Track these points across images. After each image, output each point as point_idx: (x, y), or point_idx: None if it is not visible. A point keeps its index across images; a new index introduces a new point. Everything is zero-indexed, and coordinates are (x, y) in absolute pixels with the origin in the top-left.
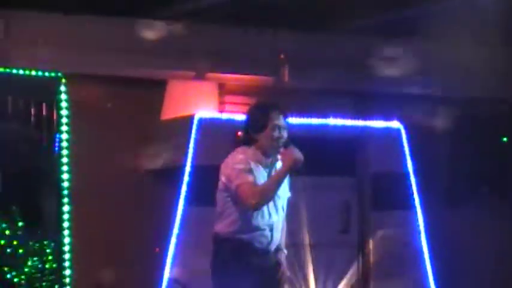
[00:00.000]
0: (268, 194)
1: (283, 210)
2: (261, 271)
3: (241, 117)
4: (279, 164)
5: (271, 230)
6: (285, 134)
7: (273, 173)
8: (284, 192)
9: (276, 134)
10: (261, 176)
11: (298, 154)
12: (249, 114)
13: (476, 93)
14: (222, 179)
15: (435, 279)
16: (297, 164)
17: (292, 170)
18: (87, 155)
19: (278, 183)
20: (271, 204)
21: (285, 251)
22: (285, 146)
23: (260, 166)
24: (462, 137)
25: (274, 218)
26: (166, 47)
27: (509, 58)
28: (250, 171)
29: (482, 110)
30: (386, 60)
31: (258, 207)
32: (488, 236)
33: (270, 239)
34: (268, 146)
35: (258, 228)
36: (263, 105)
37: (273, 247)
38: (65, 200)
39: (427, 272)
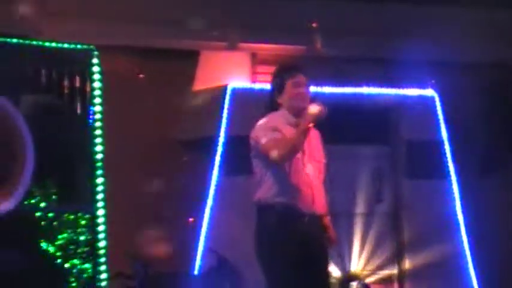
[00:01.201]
0: (292, 144)
1: (320, 173)
2: (308, 238)
3: None
4: None
5: (311, 188)
6: (306, 90)
7: None
8: (318, 154)
9: (295, 90)
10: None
11: (320, 107)
12: (271, 80)
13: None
14: (252, 143)
15: (470, 248)
16: (319, 115)
17: (315, 121)
18: (120, 127)
19: (302, 135)
20: (306, 162)
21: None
22: (311, 102)
23: (289, 126)
24: (497, 103)
25: (311, 177)
26: (199, 18)
27: None
28: (275, 129)
29: None
30: (418, 28)
31: (284, 157)
32: None
33: (312, 198)
34: (291, 104)
35: (297, 187)
36: (280, 67)
37: (317, 209)
38: (99, 172)
39: (462, 241)
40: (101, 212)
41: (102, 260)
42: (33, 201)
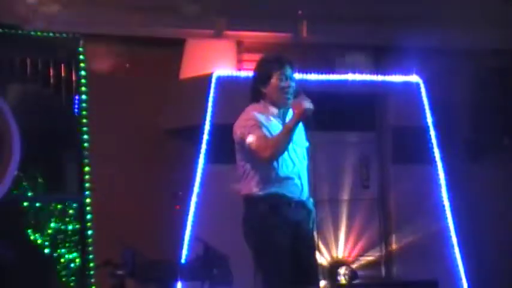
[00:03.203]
0: (281, 145)
1: (304, 159)
2: (296, 225)
3: None
4: (291, 113)
5: (300, 178)
6: (292, 84)
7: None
8: (302, 140)
9: (282, 83)
10: (275, 127)
11: (307, 103)
12: (255, 68)
13: (496, 44)
14: (236, 139)
15: (456, 232)
16: (307, 112)
17: (303, 119)
18: (106, 116)
19: (290, 134)
20: (292, 152)
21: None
22: (295, 95)
23: (272, 118)
24: (482, 89)
25: (298, 165)
26: (184, 6)
27: None
28: (261, 125)
29: (503, 61)
30: (403, 14)
31: (273, 158)
32: (510, 190)
33: (300, 187)
34: (276, 97)
35: (286, 178)
36: (268, 57)
37: (304, 196)
38: (86, 160)
39: (448, 226)
40: (88, 200)
41: (90, 249)
42: (20, 190)
